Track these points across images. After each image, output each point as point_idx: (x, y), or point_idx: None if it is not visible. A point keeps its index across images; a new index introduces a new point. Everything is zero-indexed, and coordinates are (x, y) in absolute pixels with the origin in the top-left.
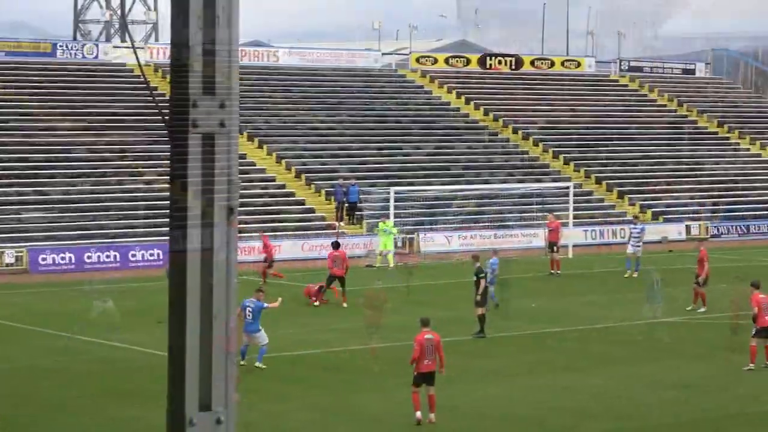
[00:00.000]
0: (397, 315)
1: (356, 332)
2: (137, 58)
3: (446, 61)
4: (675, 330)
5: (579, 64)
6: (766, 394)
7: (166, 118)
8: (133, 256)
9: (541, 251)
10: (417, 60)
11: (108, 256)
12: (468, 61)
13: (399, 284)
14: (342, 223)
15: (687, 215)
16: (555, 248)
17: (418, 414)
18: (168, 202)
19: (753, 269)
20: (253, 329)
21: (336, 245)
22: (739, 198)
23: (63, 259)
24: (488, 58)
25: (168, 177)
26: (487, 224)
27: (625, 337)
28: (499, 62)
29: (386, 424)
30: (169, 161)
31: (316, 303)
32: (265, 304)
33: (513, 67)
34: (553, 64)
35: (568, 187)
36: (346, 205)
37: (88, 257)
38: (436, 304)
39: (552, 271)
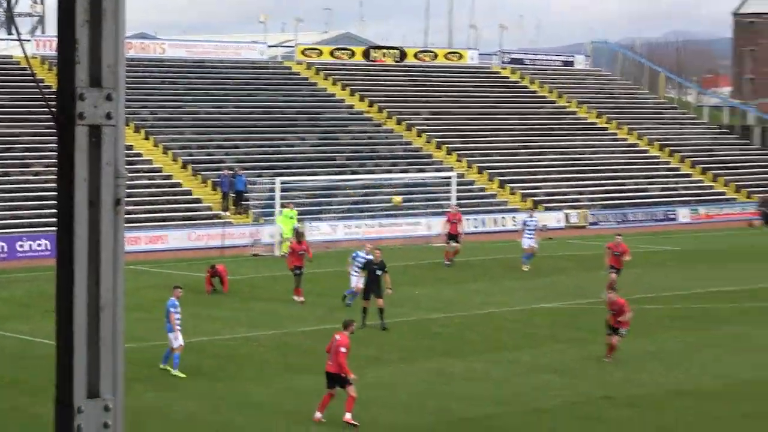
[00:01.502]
0: (278, 303)
1: (242, 321)
2: (24, 50)
3: (331, 53)
4: (554, 315)
5: (461, 57)
6: (642, 376)
7: (53, 110)
8: (21, 246)
9: (424, 239)
10: (302, 52)
11: None
12: (353, 54)
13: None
14: (228, 213)
15: (566, 203)
16: (457, 240)
17: (318, 414)
18: (56, 193)
19: (632, 256)
20: (168, 329)
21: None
22: (617, 187)
23: None
24: (372, 50)
25: (55, 168)
26: (371, 213)
27: (506, 323)
28: (384, 55)
29: (270, 411)
30: (56, 153)
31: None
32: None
33: (397, 59)
34: (436, 56)
35: (450, 177)
36: (233, 195)
37: None
38: (320, 293)
39: (447, 262)
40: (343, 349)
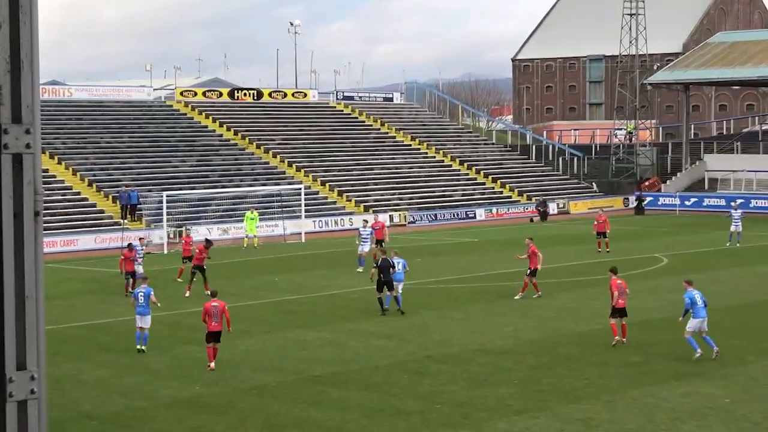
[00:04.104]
0: (169, 290)
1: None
2: None
3: (204, 93)
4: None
5: (305, 95)
6: (454, 339)
7: None
8: None
9: (280, 237)
10: (181, 93)
11: None
12: (221, 94)
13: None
14: (126, 221)
15: (390, 207)
16: (382, 243)
17: (212, 364)
18: None
19: (441, 246)
20: (144, 312)
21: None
22: (429, 193)
23: None
24: (236, 91)
25: None
26: (239, 218)
27: (346, 302)
28: (245, 94)
29: (165, 375)
30: None
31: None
32: (152, 291)
33: (255, 97)
34: (285, 95)
35: (300, 188)
36: (129, 206)
37: None
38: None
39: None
40: (226, 309)
